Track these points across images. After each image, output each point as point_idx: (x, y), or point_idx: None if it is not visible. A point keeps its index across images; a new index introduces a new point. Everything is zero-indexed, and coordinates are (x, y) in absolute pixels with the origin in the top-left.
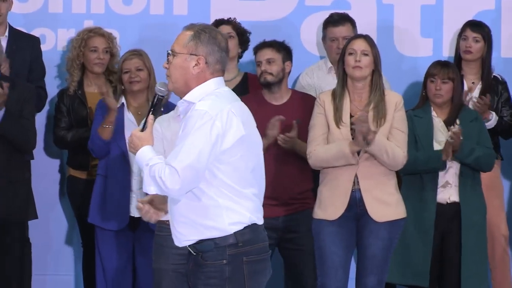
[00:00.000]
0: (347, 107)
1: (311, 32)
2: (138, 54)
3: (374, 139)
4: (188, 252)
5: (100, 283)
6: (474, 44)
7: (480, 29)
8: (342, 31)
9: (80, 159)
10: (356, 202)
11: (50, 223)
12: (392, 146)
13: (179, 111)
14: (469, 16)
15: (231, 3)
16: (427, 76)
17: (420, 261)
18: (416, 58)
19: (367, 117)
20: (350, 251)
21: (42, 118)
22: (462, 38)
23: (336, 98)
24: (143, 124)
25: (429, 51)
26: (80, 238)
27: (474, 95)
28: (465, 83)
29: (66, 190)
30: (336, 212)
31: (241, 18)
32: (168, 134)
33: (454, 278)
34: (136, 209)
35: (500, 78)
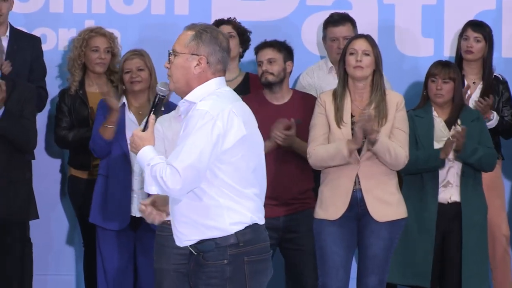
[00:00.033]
0: (348, 107)
1: (312, 32)
2: (139, 54)
3: (378, 138)
4: (189, 252)
5: (101, 283)
6: (475, 44)
7: (481, 29)
8: (342, 31)
9: (82, 159)
10: (357, 202)
11: (51, 223)
12: (395, 146)
13: (180, 111)
14: (470, 16)
15: (232, 3)
16: (428, 76)
17: (421, 261)
18: (417, 58)
19: (374, 115)
20: (351, 251)
21: (43, 118)
22: (463, 38)
23: (337, 98)
24: (145, 124)
25: (430, 51)
26: (81, 238)
27: (475, 95)
28: (466, 83)
29: (67, 190)
30: (337, 212)
31: (242, 18)
32: (169, 134)
33: (455, 278)
34: (139, 211)
35: (501, 78)
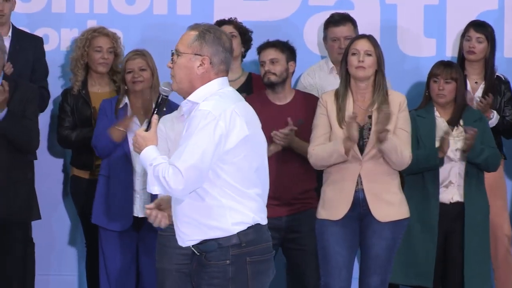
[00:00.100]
0: (350, 107)
1: (314, 32)
2: (141, 54)
3: (388, 137)
4: (192, 252)
5: (103, 284)
6: (477, 44)
7: (484, 29)
8: (343, 31)
9: (84, 158)
10: (359, 202)
11: (53, 223)
12: (401, 146)
13: (182, 111)
14: (472, 16)
15: (235, 3)
16: (430, 76)
17: (423, 261)
18: (419, 58)
19: (390, 113)
20: (353, 251)
21: (45, 118)
22: (466, 38)
23: (339, 98)
24: (147, 124)
25: (432, 51)
26: (83, 238)
27: (477, 95)
28: (468, 83)
29: (70, 190)
30: (339, 212)
31: (244, 18)
32: (172, 134)
33: (457, 278)
34: (146, 215)
35: (503, 78)
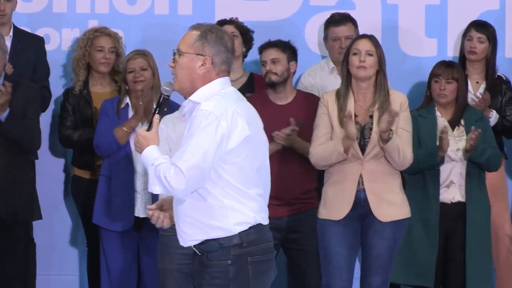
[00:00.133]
0: (351, 107)
1: (316, 32)
2: (142, 53)
3: (391, 136)
4: (193, 252)
5: (104, 284)
6: (478, 45)
7: (485, 29)
8: (344, 30)
9: (86, 158)
10: (360, 202)
11: (54, 223)
12: (403, 146)
13: (184, 111)
14: (473, 16)
15: (236, 3)
16: (432, 76)
17: (424, 261)
18: (420, 58)
19: (397, 113)
20: (354, 251)
21: (47, 118)
22: (467, 38)
23: (340, 98)
24: (149, 124)
25: (433, 51)
26: (84, 238)
27: (476, 94)
28: (469, 83)
29: (71, 189)
30: (341, 212)
31: (246, 18)
32: (173, 135)
33: (459, 278)
34: (148, 217)
35: (504, 78)
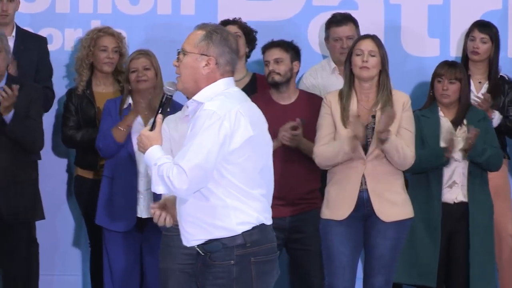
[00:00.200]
0: (354, 107)
1: (319, 32)
2: (145, 53)
3: (389, 137)
4: (196, 252)
5: (107, 284)
6: (481, 45)
7: (488, 29)
8: (345, 30)
9: (90, 159)
10: (363, 202)
11: (57, 223)
12: (403, 146)
13: (187, 111)
14: (476, 16)
15: (239, 3)
16: (434, 76)
17: (427, 261)
18: (423, 58)
19: (394, 114)
20: (357, 251)
21: (50, 118)
22: (470, 38)
23: (343, 98)
24: (152, 124)
25: (436, 51)
26: (87, 238)
27: (478, 95)
28: (472, 83)
29: (74, 190)
30: (344, 212)
31: (248, 18)
32: (176, 135)
33: (461, 278)
34: (151, 216)
35: (506, 78)
